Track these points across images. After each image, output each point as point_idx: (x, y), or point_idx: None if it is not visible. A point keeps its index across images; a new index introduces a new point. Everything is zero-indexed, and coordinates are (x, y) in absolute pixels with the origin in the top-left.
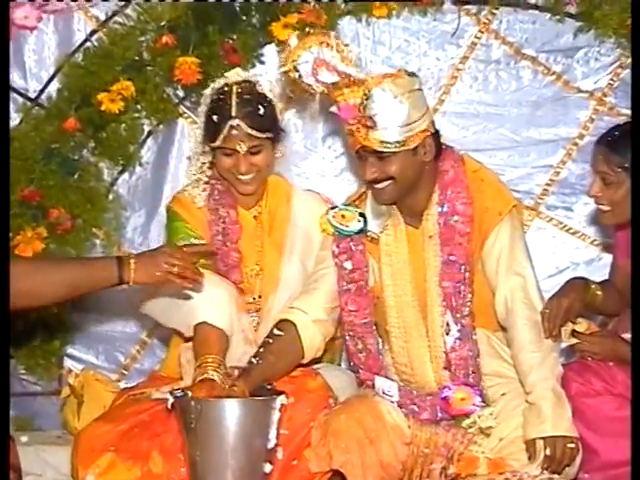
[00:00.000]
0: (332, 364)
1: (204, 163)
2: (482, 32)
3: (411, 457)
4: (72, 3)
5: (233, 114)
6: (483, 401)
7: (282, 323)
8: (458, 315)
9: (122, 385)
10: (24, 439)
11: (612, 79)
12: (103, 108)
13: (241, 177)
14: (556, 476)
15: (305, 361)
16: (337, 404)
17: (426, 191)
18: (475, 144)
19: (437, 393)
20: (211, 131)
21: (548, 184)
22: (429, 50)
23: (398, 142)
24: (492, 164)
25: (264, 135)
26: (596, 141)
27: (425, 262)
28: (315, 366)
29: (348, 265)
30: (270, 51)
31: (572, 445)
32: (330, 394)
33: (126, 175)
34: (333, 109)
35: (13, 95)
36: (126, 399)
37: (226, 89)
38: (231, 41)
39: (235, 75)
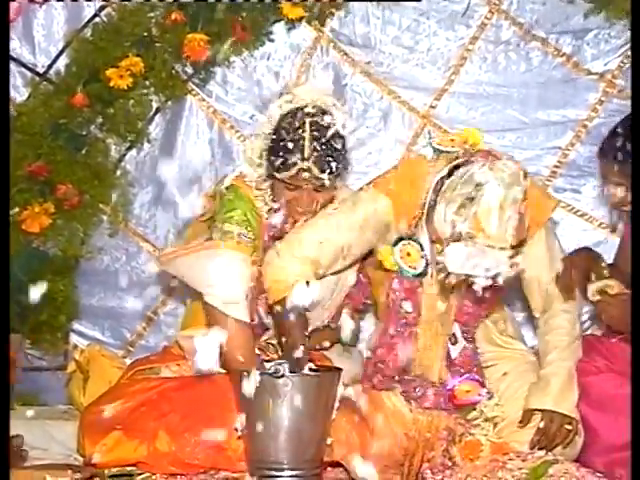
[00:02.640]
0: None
1: (260, 176)
2: (492, 12)
3: (413, 442)
4: None
5: (306, 155)
6: (488, 392)
7: None
8: (465, 334)
9: (127, 362)
10: (30, 413)
11: (622, 61)
12: (111, 84)
13: (299, 209)
14: (561, 457)
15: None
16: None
17: None
18: (484, 125)
19: (442, 384)
20: (277, 162)
21: (556, 166)
22: (439, 30)
23: None
24: (500, 145)
25: (332, 177)
26: (600, 155)
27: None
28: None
29: (408, 307)
30: (279, 29)
31: (569, 427)
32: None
33: (134, 151)
34: None
35: (21, 70)
36: (134, 374)
37: (298, 120)
38: (240, 18)
39: (307, 97)
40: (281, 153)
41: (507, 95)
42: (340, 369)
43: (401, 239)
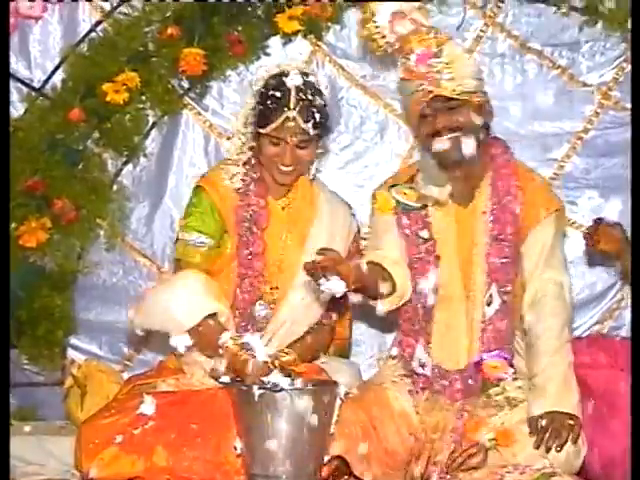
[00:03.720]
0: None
1: (244, 144)
2: (487, 25)
3: (419, 443)
4: None
5: (291, 105)
6: (514, 373)
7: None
8: (502, 290)
9: (125, 376)
10: (27, 429)
11: (617, 73)
12: (108, 99)
13: (282, 167)
14: (559, 469)
15: (399, 299)
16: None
17: (478, 169)
18: None
19: (468, 366)
20: (263, 117)
21: (552, 178)
22: None
23: (469, 93)
24: None
25: (316, 131)
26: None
27: (474, 238)
28: (321, 359)
29: (425, 234)
30: (275, 43)
31: (571, 421)
32: None
33: (130, 166)
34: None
35: (18, 85)
36: (131, 390)
37: (285, 78)
38: (236, 32)
39: (297, 70)
40: (268, 103)
41: (503, 107)
42: (337, 383)
43: (394, 185)
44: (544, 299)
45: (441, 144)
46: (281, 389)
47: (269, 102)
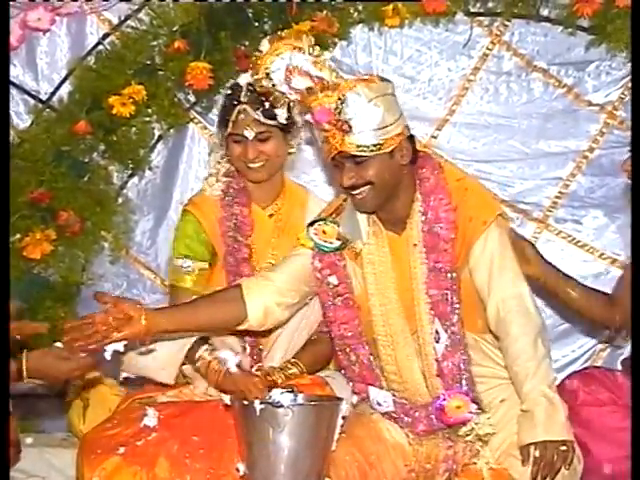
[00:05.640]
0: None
1: (222, 156)
2: (494, 43)
3: (413, 475)
4: (85, 6)
5: (241, 99)
6: (479, 408)
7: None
8: (447, 323)
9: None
10: (29, 441)
11: (623, 93)
12: (114, 111)
13: (250, 165)
14: None
15: (252, 326)
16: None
17: (406, 197)
18: (485, 155)
19: (431, 403)
20: (223, 118)
21: (557, 197)
22: (440, 60)
23: (374, 145)
24: (501, 176)
25: (271, 122)
26: None
27: (411, 270)
28: (324, 373)
29: (333, 280)
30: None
31: (564, 447)
32: None
33: (136, 179)
34: (307, 117)
35: (24, 97)
36: (131, 403)
37: (240, 79)
38: (243, 47)
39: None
40: (224, 103)
41: (508, 126)
42: (341, 399)
43: (316, 221)
44: (508, 316)
45: (352, 198)
46: (281, 405)
47: (225, 102)
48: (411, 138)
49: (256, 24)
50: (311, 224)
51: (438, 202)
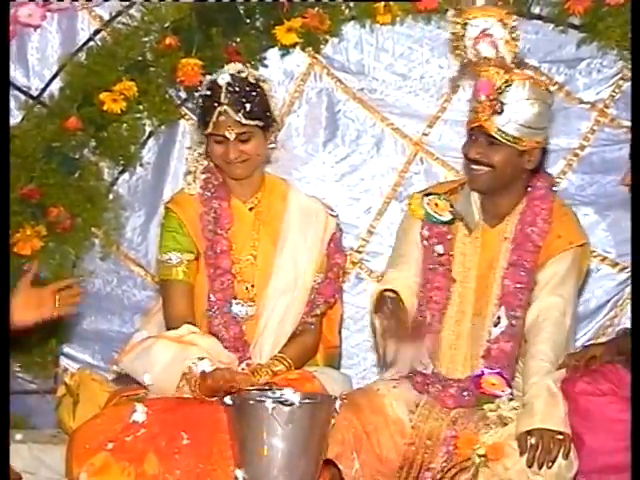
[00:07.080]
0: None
1: (201, 154)
2: None
3: (412, 449)
4: (76, 2)
5: (222, 100)
6: (511, 394)
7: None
8: (511, 312)
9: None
10: (19, 437)
11: (614, 91)
12: (105, 108)
13: (231, 163)
14: None
15: None
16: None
17: (514, 198)
18: None
19: (465, 379)
20: (202, 118)
21: None
22: (432, 58)
23: (513, 138)
24: None
25: (252, 122)
26: None
27: (494, 260)
28: (312, 369)
29: (439, 249)
30: (273, 54)
31: (560, 437)
32: None
33: (126, 175)
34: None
35: (15, 93)
36: (120, 399)
37: (219, 79)
38: (234, 44)
39: (231, 69)
40: (204, 104)
41: None
42: (335, 397)
43: (430, 194)
44: (544, 323)
45: (469, 171)
46: (275, 404)
47: (204, 102)
48: (543, 150)
49: (247, 21)
50: (426, 195)
51: (539, 210)
